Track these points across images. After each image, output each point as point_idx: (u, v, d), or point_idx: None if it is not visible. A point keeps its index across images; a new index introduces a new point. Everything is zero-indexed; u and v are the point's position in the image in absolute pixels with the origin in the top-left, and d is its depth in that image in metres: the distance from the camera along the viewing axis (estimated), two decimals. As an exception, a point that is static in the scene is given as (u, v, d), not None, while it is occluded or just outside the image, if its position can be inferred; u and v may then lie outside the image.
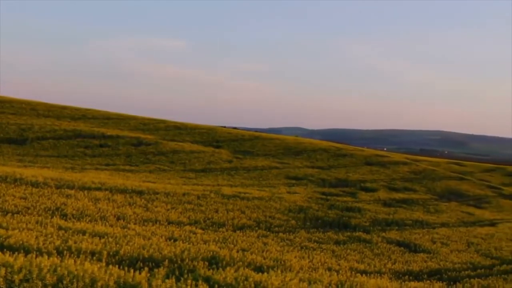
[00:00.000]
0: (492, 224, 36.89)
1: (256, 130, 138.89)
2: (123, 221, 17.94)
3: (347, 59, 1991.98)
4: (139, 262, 11.74)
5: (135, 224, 17.81)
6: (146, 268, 10.50)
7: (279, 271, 12.76)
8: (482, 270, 21.25)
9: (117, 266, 10.42)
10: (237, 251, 14.92)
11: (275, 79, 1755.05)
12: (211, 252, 13.72)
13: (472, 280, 19.15)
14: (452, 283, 18.25)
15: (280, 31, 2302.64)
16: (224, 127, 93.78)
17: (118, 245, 12.63)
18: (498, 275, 20.94)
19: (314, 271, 14.58)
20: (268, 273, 12.34)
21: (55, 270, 8.90)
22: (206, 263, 12.53)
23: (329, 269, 15.72)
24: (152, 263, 11.76)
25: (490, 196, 54.24)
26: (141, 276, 9.69)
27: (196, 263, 12.19)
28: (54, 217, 16.23)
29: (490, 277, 20.30)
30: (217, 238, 17.57)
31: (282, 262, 14.74)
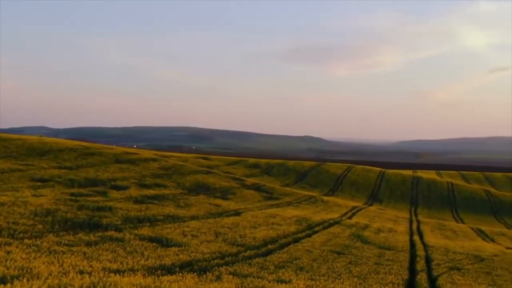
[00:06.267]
0: (237, 213, 39.51)
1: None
2: None
3: (93, 57, 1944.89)
4: None
5: None
6: None
7: (25, 280, 11.92)
8: (230, 257, 22.59)
9: None
10: (-25, 264, 13.51)
11: (15, 75, 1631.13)
12: None
13: (221, 268, 20.26)
14: (202, 272, 19.01)
15: (17, 22, 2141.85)
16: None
17: None
18: (244, 261, 22.51)
19: (64, 276, 13.89)
20: (12, 283, 11.45)
21: None
22: None
23: (81, 272, 15.12)
24: None
25: (235, 188, 58.11)
26: None
27: None
28: None
29: (236, 263, 21.70)
30: (-51, 252, 15.67)
31: (29, 270, 13.75)
